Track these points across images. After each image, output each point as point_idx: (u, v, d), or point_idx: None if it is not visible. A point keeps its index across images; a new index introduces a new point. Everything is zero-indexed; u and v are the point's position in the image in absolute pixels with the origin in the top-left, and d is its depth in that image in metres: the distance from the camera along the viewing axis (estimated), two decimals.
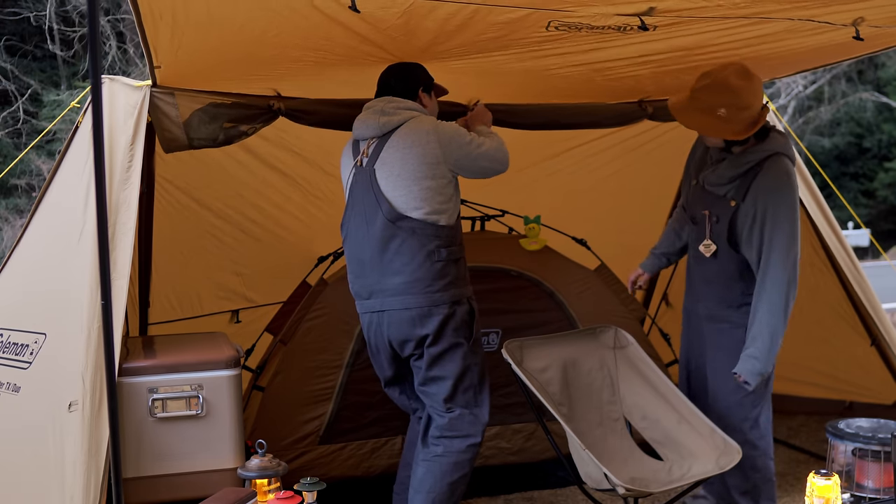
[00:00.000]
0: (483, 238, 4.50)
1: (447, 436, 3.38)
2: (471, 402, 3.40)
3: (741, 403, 3.56)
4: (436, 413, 3.42)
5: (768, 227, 3.35)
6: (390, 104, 3.42)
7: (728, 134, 3.37)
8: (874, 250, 18.08)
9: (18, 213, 16.31)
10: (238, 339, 3.81)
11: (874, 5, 2.90)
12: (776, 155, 3.40)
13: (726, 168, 3.47)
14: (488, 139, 3.45)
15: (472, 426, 3.39)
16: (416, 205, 3.28)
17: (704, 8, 2.87)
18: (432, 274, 3.29)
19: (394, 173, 3.31)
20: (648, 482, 3.38)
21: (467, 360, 3.37)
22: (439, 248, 3.30)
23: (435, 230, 3.30)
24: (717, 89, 3.35)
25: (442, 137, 3.32)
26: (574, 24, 3.04)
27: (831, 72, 21.76)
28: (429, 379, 3.38)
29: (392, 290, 3.32)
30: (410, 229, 3.28)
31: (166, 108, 3.52)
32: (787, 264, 3.35)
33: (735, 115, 3.33)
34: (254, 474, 2.78)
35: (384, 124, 3.39)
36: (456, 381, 3.36)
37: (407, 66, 3.52)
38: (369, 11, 2.77)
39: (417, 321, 3.30)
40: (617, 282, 4.67)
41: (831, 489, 2.67)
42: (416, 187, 3.28)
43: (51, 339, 3.12)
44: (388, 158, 3.33)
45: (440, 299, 3.29)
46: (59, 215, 3.38)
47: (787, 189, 3.36)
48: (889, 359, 4.73)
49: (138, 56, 16.40)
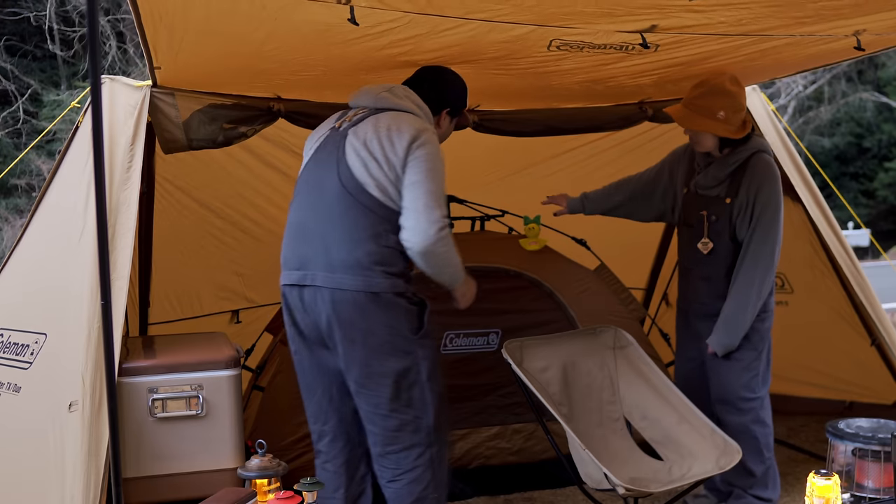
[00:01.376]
0: (483, 238, 4.50)
1: (391, 451, 3.09)
2: (416, 404, 3.08)
3: (750, 384, 3.73)
4: (375, 420, 3.09)
5: (756, 212, 3.65)
6: (403, 92, 3.18)
7: (727, 132, 3.66)
8: (874, 250, 18.07)
9: (18, 213, 16.32)
10: (238, 339, 3.81)
11: (875, 19, 2.91)
12: (758, 152, 3.73)
13: (715, 170, 3.76)
14: (455, 265, 3.10)
15: (414, 435, 3.08)
16: (374, 182, 2.98)
17: (706, 25, 2.88)
18: (375, 258, 2.97)
19: (364, 142, 3.01)
20: (648, 482, 3.38)
21: (412, 357, 3.05)
22: (388, 232, 2.98)
23: (388, 213, 2.98)
24: (715, 94, 3.64)
25: (416, 156, 2.99)
26: (576, 42, 3.05)
27: (831, 72, 21.76)
28: (366, 376, 3.04)
29: (328, 266, 3.00)
30: (363, 205, 2.98)
31: (166, 109, 3.52)
32: (768, 250, 3.65)
33: (732, 116, 3.64)
34: (254, 474, 2.77)
35: (383, 99, 3.13)
36: (398, 379, 3.03)
37: (451, 80, 3.30)
38: (368, 26, 2.77)
39: (349, 305, 2.98)
40: (617, 282, 4.67)
41: (831, 489, 2.67)
42: (376, 166, 2.99)
43: (51, 339, 3.12)
44: (366, 128, 3.05)
45: (379, 286, 2.97)
46: (59, 215, 3.38)
47: (774, 182, 3.69)
48: (889, 359, 4.73)
49: (138, 56, 16.40)
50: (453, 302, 3.33)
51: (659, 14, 2.73)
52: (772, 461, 3.80)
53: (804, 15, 2.79)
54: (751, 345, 3.70)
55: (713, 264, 3.74)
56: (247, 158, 4.38)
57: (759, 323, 3.69)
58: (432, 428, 3.13)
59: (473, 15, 2.68)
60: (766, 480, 3.77)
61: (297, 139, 4.32)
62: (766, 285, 3.64)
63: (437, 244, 2.97)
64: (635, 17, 2.75)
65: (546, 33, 2.93)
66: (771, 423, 3.82)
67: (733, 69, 3.70)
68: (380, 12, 2.64)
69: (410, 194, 2.97)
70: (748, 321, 3.64)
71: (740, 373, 3.72)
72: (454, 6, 2.61)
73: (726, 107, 3.60)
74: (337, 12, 2.58)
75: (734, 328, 3.64)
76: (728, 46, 3.24)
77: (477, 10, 2.63)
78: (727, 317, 3.65)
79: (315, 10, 2.61)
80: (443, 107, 3.27)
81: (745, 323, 3.64)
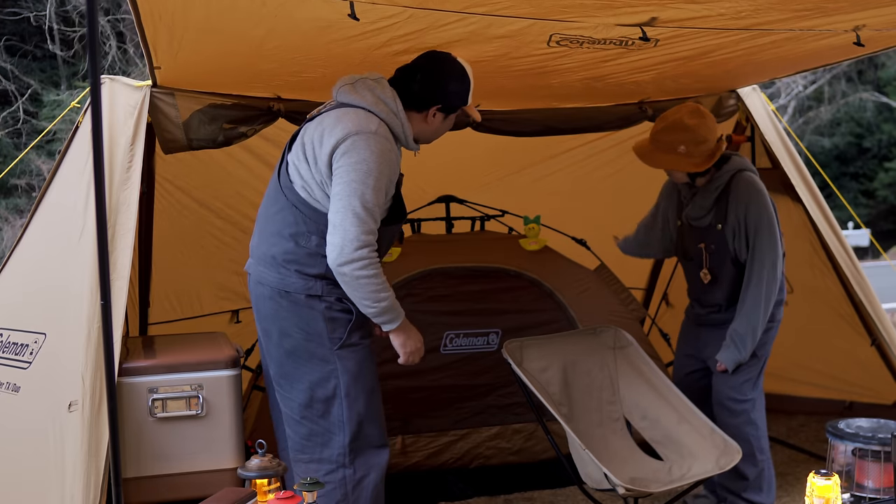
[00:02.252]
0: (483, 238, 4.50)
1: (301, 459, 2.98)
2: (332, 418, 2.93)
3: (740, 388, 3.75)
4: (289, 423, 3.02)
5: (751, 234, 3.66)
6: (370, 85, 2.92)
7: (690, 167, 3.69)
8: (874, 250, 18.07)
9: (18, 213, 16.32)
10: (238, 339, 3.81)
11: (875, 14, 2.91)
12: (738, 172, 3.72)
13: (700, 199, 3.77)
14: (375, 297, 2.83)
15: (324, 449, 2.95)
16: (301, 182, 2.90)
17: (706, 18, 2.87)
18: (290, 256, 2.89)
19: (304, 141, 2.92)
20: (648, 482, 3.38)
21: (330, 368, 2.92)
22: (311, 234, 2.87)
23: (313, 214, 2.87)
24: (674, 129, 3.67)
25: (340, 164, 2.79)
26: (575, 37, 3.05)
27: (831, 72, 21.76)
28: (281, 376, 3.00)
29: (257, 258, 3.01)
30: (291, 203, 2.91)
31: (166, 109, 3.52)
32: (768, 264, 3.65)
33: (693, 149, 3.64)
34: (254, 474, 2.77)
35: (343, 93, 2.95)
36: (312, 387, 2.93)
37: (448, 73, 2.97)
38: (368, 22, 2.76)
39: (267, 300, 2.94)
40: (617, 282, 4.67)
41: (831, 489, 2.66)
42: (305, 166, 2.89)
43: (51, 339, 3.12)
44: (315, 125, 2.92)
45: (291, 285, 2.89)
46: (59, 215, 3.38)
47: (760, 198, 3.68)
48: (889, 359, 4.73)
49: (138, 56, 16.40)
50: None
51: (658, 6, 2.73)
52: (765, 464, 3.79)
53: (804, 8, 2.79)
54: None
55: (718, 291, 3.78)
56: (247, 158, 4.38)
57: (764, 333, 3.70)
58: (347, 449, 2.94)
59: (473, 9, 2.68)
60: (759, 484, 3.76)
61: None
62: (772, 300, 3.67)
63: (350, 265, 2.76)
64: (635, 9, 2.74)
65: (546, 27, 2.93)
66: (764, 427, 3.82)
67: (733, 65, 3.67)
68: (380, 8, 2.63)
69: (332, 206, 2.80)
70: (758, 336, 3.66)
71: (732, 376, 3.74)
72: (454, 0, 2.61)
73: (686, 141, 3.62)
74: (337, 8, 2.58)
75: (744, 345, 3.66)
76: (727, 41, 3.22)
77: (476, 3, 2.63)
78: (737, 335, 3.67)
79: (315, 6, 2.61)
80: (432, 103, 2.97)
81: (755, 339, 3.66)
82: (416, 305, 4.19)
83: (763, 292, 3.64)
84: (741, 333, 3.66)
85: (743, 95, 4.47)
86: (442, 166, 4.31)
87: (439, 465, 4.33)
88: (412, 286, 4.23)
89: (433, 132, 3.07)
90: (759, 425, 3.80)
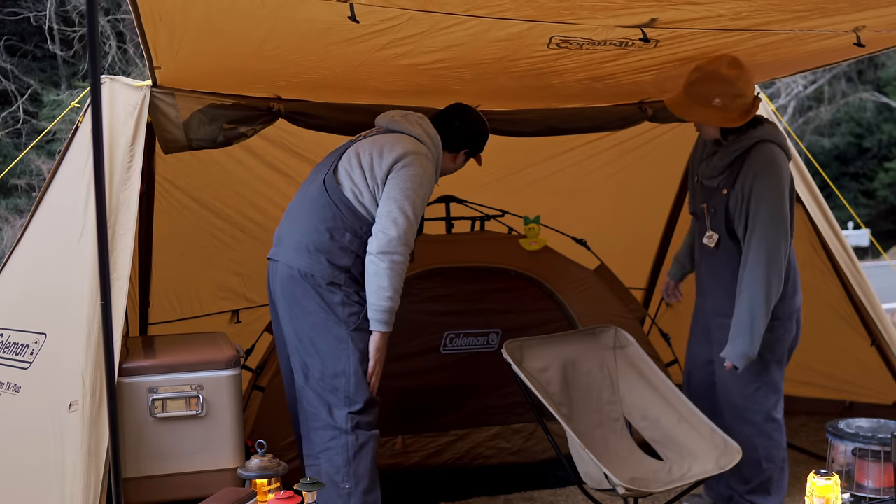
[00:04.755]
0: (483, 238, 4.50)
1: (313, 427, 3.29)
2: (341, 391, 3.24)
3: (754, 396, 3.61)
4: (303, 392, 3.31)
5: (752, 208, 3.42)
6: (418, 120, 3.42)
7: (725, 122, 3.48)
8: (874, 250, 18.08)
9: (18, 213, 16.31)
10: (238, 339, 3.81)
11: (875, 14, 2.91)
12: (762, 142, 3.48)
13: (718, 159, 3.56)
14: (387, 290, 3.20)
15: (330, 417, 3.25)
16: (351, 184, 3.27)
17: (706, 19, 2.87)
18: (323, 247, 3.24)
19: (359, 153, 3.31)
20: (648, 482, 3.38)
21: (344, 345, 3.23)
22: (345, 231, 3.25)
23: (353, 216, 3.25)
24: (710, 80, 3.44)
25: (398, 174, 3.23)
26: (575, 39, 3.05)
27: (831, 72, 21.75)
28: (300, 350, 3.30)
29: (289, 245, 3.32)
30: (334, 202, 3.27)
31: (166, 109, 3.52)
32: (768, 245, 3.40)
33: (730, 102, 3.43)
34: (254, 474, 2.77)
35: (395, 122, 3.40)
36: (325, 361, 3.24)
37: (477, 124, 3.60)
38: (368, 24, 2.76)
39: (295, 281, 3.26)
40: (617, 282, 4.67)
41: (831, 489, 2.67)
42: (360, 172, 3.27)
43: (51, 339, 3.12)
44: (368, 143, 3.35)
45: (318, 270, 3.22)
46: (59, 215, 3.38)
47: (772, 173, 3.43)
48: (889, 359, 4.73)
49: (138, 56, 16.40)
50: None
51: (658, 7, 2.72)
52: (773, 471, 3.66)
53: (804, 9, 2.79)
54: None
55: (720, 260, 3.60)
56: (247, 158, 4.38)
57: (768, 333, 3.49)
58: (350, 418, 3.24)
59: (473, 11, 2.68)
60: (767, 488, 3.68)
61: (297, 139, 4.33)
62: (773, 287, 3.41)
63: (391, 256, 3.17)
64: (634, 10, 2.74)
65: (546, 30, 2.93)
66: (779, 438, 3.67)
67: None
68: (380, 10, 2.63)
69: (386, 205, 3.21)
70: (763, 327, 3.42)
71: (743, 382, 3.59)
72: (454, 2, 2.61)
73: (722, 93, 3.41)
74: (337, 10, 2.58)
75: (748, 336, 3.42)
76: (728, 42, 3.21)
77: (476, 6, 2.63)
78: (739, 325, 3.45)
79: (315, 8, 2.61)
80: (463, 146, 3.56)
81: (760, 329, 3.42)
82: (416, 305, 4.20)
83: (763, 276, 3.38)
84: (741, 323, 3.42)
85: None
86: None
87: (439, 465, 4.33)
88: (412, 286, 4.22)
89: (454, 170, 3.64)
90: (773, 437, 3.64)
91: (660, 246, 5.47)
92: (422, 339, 4.26)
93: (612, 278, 4.66)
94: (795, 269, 3.65)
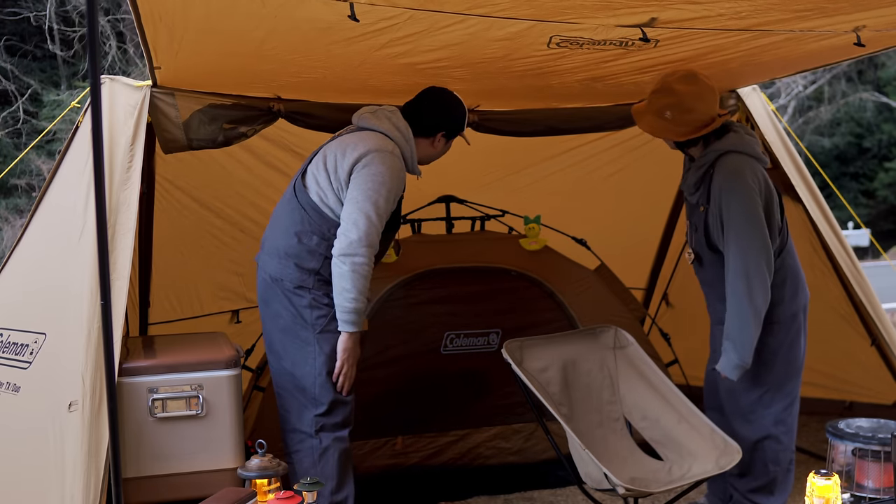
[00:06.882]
0: (483, 238, 4.51)
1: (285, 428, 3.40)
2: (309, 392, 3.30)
3: (761, 400, 3.58)
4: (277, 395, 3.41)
5: (725, 223, 3.40)
6: (387, 114, 3.39)
7: (672, 135, 3.50)
8: (874, 250, 18.08)
9: (18, 213, 16.32)
10: (238, 339, 3.81)
11: (875, 15, 2.91)
12: (725, 154, 3.45)
13: (691, 175, 3.56)
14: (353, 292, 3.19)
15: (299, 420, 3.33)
16: (316, 187, 3.30)
17: (706, 18, 2.87)
18: (292, 251, 3.28)
19: (325, 155, 3.33)
20: (648, 482, 3.38)
21: (311, 348, 3.28)
22: (311, 234, 3.27)
23: (319, 218, 3.27)
24: (663, 93, 3.47)
25: (359, 175, 3.22)
26: (575, 38, 3.05)
27: (831, 72, 21.77)
28: (272, 353, 3.40)
29: (266, 249, 3.41)
30: (301, 205, 3.32)
31: (166, 109, 3.52)
32: (744, 256, 3.36)
33: (679, 117, 3.44)
34: (254, 474, 2.78)
35: (364, 118, 3.40)
36: (294, 364, 3.31)
37: (451, 104, 3.48)
38: (368, 23, 2.76)
39: (266, 285, 3.35)
40: (617, 282, 4.67)
41: (831, 489, 2.67)
42: (324, 175, 3.29)
43: (51, 339, 3.12)
44: (336, 143, 3.36)
45: (288, 275, 3.28)
46: (59, 215, 3.38)
47: (736, 184, 3.39)
48: (889, 359, 4.73)
49: (138, 56, 16.41)
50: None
51: (658, 7, 2.72)
52: (778, 472, 3.62)
53: (804, 9, 2.78)
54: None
55: (708, 273, 3.60)
56: (247, 158, 4.38)
57: (768, 336, 3.45)
58: (314, 421, 3.30)
59: (473, 10, 2.68)
60: (771, 488, 3.64)
61: (297, 139, 4.33)
62: (758, 296, 3.35)
63: (353, 258, 3.16)
64: (634, 10, 2.74)
65: (546, 29, 2.93)
66: (788, 441, 3.61)
67: (733, 65, 3.62)
68: (380, 9, 2.63)
69: (348, 207, 3.22)
70: (753, 336, 3.37)
71: (747, 387, 3.55)
72: (454, 1, 2.61)
73: (672, 107, 3.42)
74: (337, 9, 2.57)
75: (739, 349, 3.37)
76: (728, 42, 3.21)
77: (476, 4, 2.63)
78: (728, 339, 3.41)
79: (315, 7, 2.61)
80: (439, 129, 3.47)
81: (750, 339, 3.37)
82: (417, 306, 4.20)
83: (744, 287, 3.34)
84: (730, 334, 3.39)
85: (743, 95, 4.47)
86: (442, 166, 4.30)
87: (439, 465, 4.33)
88: (412, 286, 4.23)
89: (436, 155, 3.56)
90: (781, 440, 3.59)
91: (660, 246, 5.48)
92: (422, 340, 4.26)
93: (613, 278, 4.66)
94: (794, 271, 3.60)
